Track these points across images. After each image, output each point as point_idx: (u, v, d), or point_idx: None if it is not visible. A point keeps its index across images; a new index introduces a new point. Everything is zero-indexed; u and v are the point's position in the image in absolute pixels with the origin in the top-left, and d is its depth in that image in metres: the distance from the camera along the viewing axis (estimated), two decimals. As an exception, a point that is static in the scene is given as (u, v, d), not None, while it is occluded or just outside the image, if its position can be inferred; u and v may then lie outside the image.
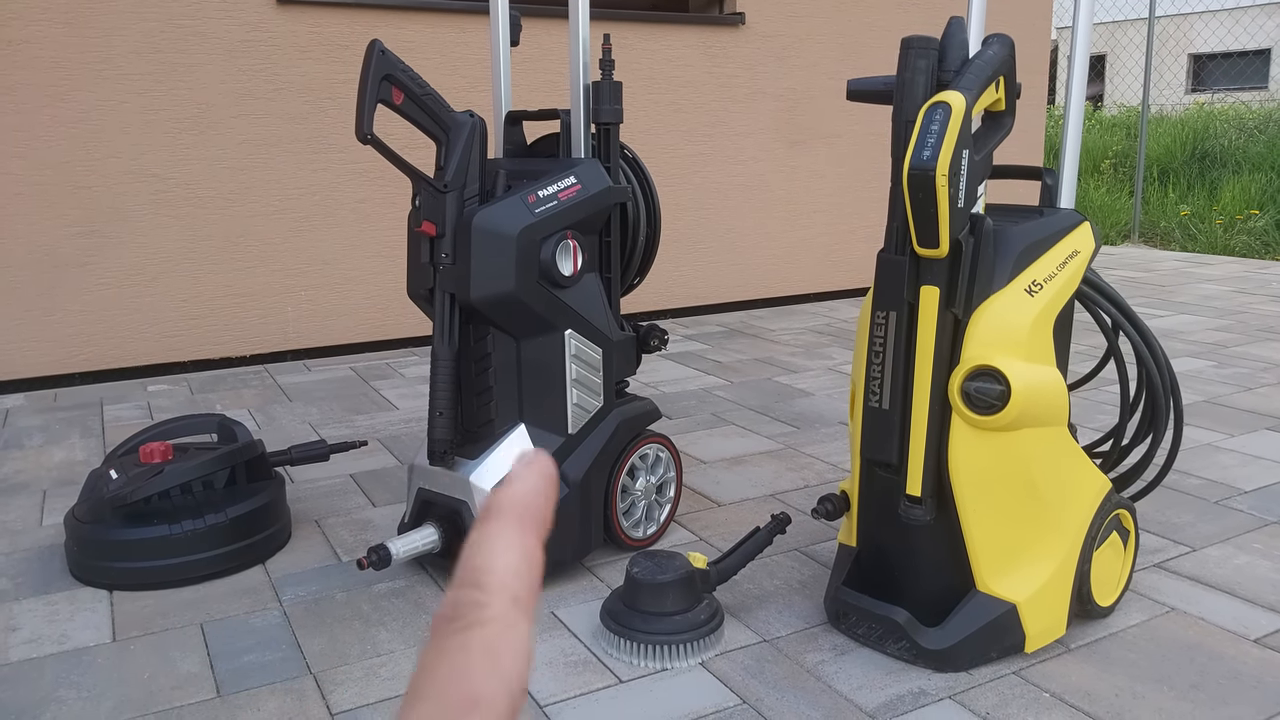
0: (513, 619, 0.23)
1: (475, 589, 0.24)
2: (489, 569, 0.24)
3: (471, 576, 0.24)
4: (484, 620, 0.23)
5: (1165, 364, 1.80)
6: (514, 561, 0.24)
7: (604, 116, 1.97)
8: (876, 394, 1.61)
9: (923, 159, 1.42)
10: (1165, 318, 4.45)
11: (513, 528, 0.25)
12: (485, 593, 0.23)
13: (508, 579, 0.24)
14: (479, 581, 0.24)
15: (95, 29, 3.35)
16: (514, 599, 0.24)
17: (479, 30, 3.96)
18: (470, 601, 0.23)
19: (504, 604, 0.23)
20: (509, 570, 0.24)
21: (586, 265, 1.92)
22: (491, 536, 0.24)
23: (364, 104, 1.70)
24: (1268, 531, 2.14)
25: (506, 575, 0.24)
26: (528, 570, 0.24)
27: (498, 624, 0.23)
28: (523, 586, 0.24)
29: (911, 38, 1.54)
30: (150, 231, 3.54)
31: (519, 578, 0.24)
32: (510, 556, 0.24)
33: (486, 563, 0.24)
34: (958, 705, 1.52)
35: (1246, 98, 14.14)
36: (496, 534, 0.24)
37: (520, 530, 0.25)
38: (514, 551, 0.24)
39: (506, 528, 0.25)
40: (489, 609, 0.23)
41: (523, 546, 0.24)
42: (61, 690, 1.60)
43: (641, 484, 2.08)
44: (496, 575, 0.24)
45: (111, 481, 1.98)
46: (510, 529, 0.25)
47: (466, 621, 0.23)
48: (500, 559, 0.24)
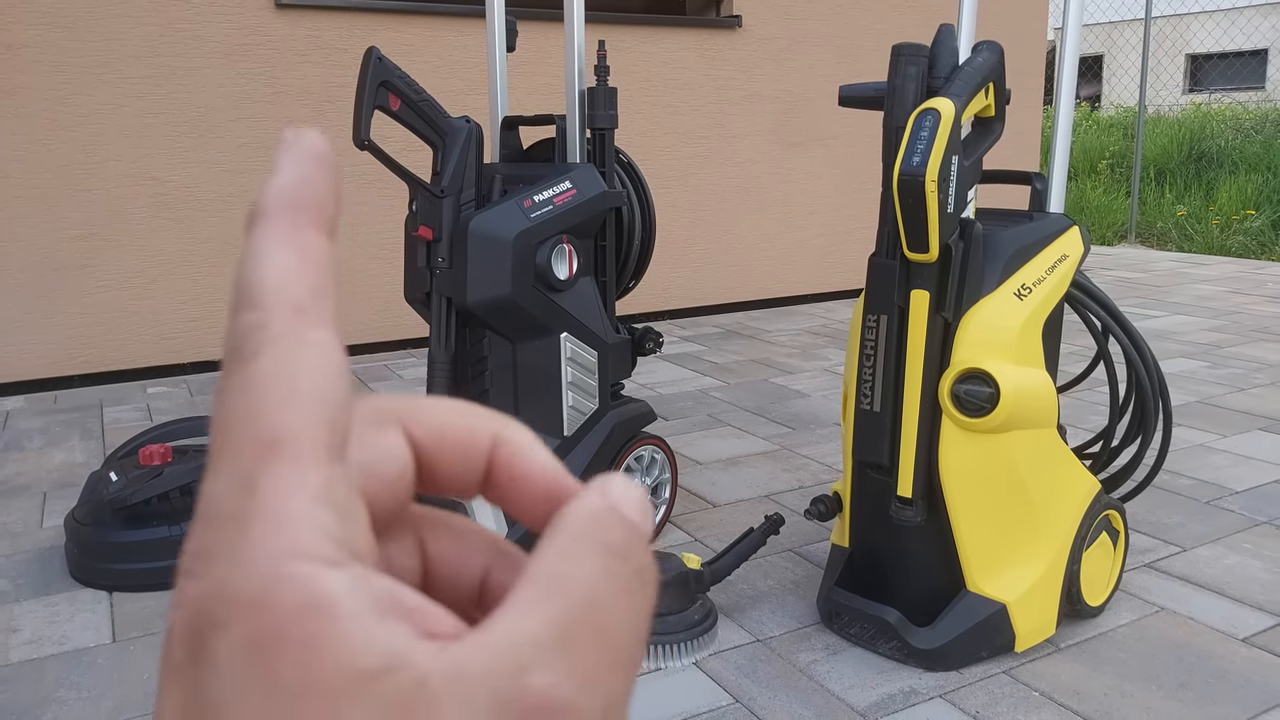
0: (300, 331, 0.18)
1: (249, 310, 0.18)
2: (259, 282, 0.18)
3: (242, 298, 0.18)
4: (266, 341, 0.18)
5: (1154, 366, 1.82)
6: (288, 263, 0.19)
7: (599, 122, 1.99)
8: (868, 396, 1.62)
9: (912, 165, 1.44)
10: (1160, 318, 4.47)
11: (281, 225, 0.19)
12: (260, 310, 0.18)
13: (285, 286, 0.18)
14: (251, 300, 0.18)
15: (95, 33, 3.37)
16: (296, 309, 0.18)
17: (476, 35, 3.98)
18: (246, 325, 0.18)
19: (285, 317, 0.18)
20: (284, 275, 0.18)
21: (582, 269, 1.94)
22: (257, 243, 0.19)
23: (361, 110, 1.72)
24: (1258, 532, 2.16)
25: (282, 282, 0.18)
26: (311, 270, 0.19)
27: (283, 343, 0.18)
28: (306, 291, 0.19)
29: (902, 45, 1.56)
30: (149, 234, 3.56)
31: (299, 281, 0.19)
32: (283, 259, 0.19)
33: (255, 275, 0.18)
34: (948, 704, 1.54)
35: (1243, 98, 14.17)
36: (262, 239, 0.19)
37: (292, 226, 0.19)
38: (286, 251, 0.19)
39: (273, 228, 0.19)
40: (270, 327, 0.18)
41: (298, 243, 0.19)
42: (62, 691, 1.61)
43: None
44: (270, 286, 0.18)
45: (112, 483, 2.00)
46: (278, 228, 0.19)
47: (245, 353, 0.18)
48: (271, 266, 0.18)
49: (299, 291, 0.18)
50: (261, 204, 0.19)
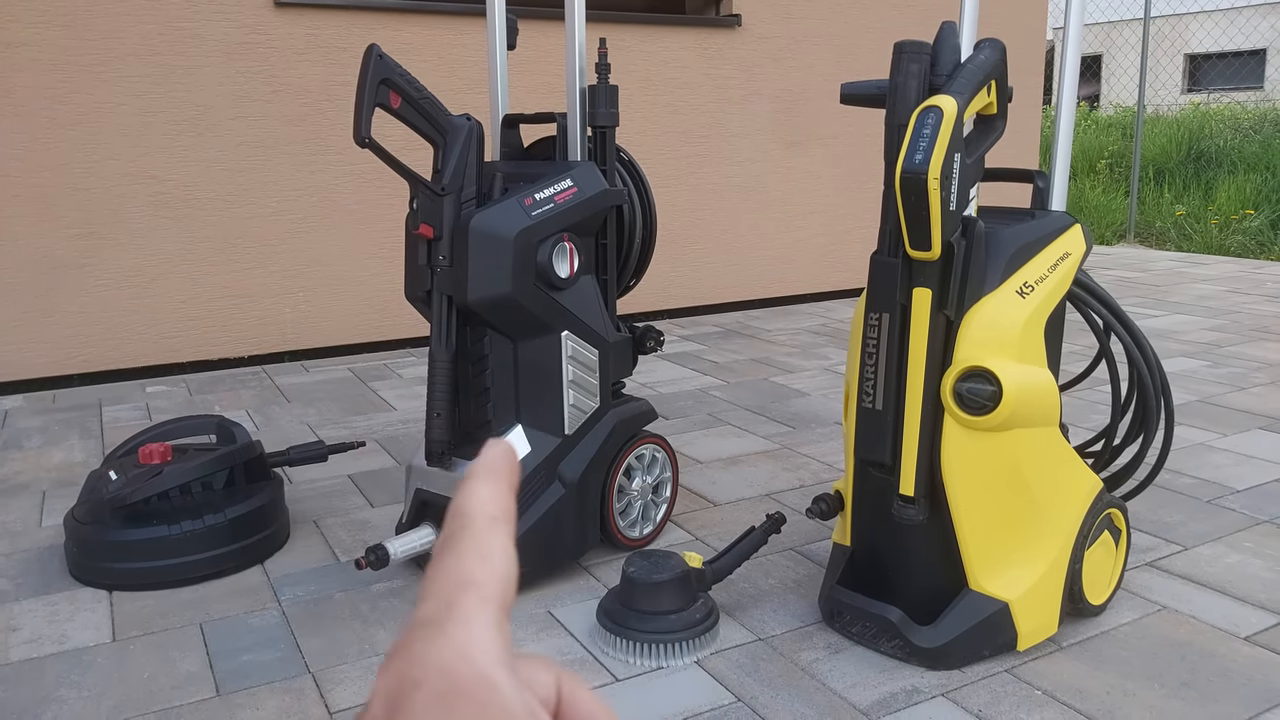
0: (493, 529, 0.28)
1: (459, 517, 0.28)
2: (468, 504, 0.28)
3: (455, 512, 0.28)
4: (471, 532, 0.27)
5: (1156, 364, 1.82)
6: (487, 495, 0.28)
7: (600, 120, 1.99)
8: (870, 395, 1.62)
9: (915, 163, 1.44)
10: (1160, 318, 4.47)
11: (485, 478, 0.29)
12: (468, 516, 0.28)
13: (485, 506, 0.28)
14: (461, 513, 0.28)
15: (94, 31, 3.36)
16: (491, 518, 0.28)
17: (476, 33, 3.97)
18: (457, 525, 0.28)
19: (484, 520, 0.28)
20: (484, 500, 0.28)
21: (583, 267, 1.93)
22: (467, 486, 0.29)
23: (362, 108, 1.71)
24: (1259, 530, 2.16)
25: (484, 504, 0.28)
26: (501, 500, 0.29)
27: (482, 531, 0.27)
28: (498, 509, 0.28)
29: (904, 42, 1.56)
30: (148, 233, 3.55)
31: (495, 504, 0.28)
32: (484, 492, 0.28)
33: (465, 501, 0.28)
34: (950, 703, 1.54)
35: (1242, 98, 14.17)
36: (471, 483, 0.29)
37: (493, 479, 0.29)
38: (487, 489, 0.29)
39: (479, 479, 0.29)
40: (474, 524, 0.27)
41: (494, 486, 0.29)
42: (62, 690, 1.61)
43: (638, 484, 2.09)
44: (475, 505, 0.28)
45: (111, 482, 1.99)
46: (484, 478, 0.29)
47: (456, 538, 0.27)
48: (475, 496, 0.28)
49: (494, 510, 0.28)
50: (473, 469, 0.29)
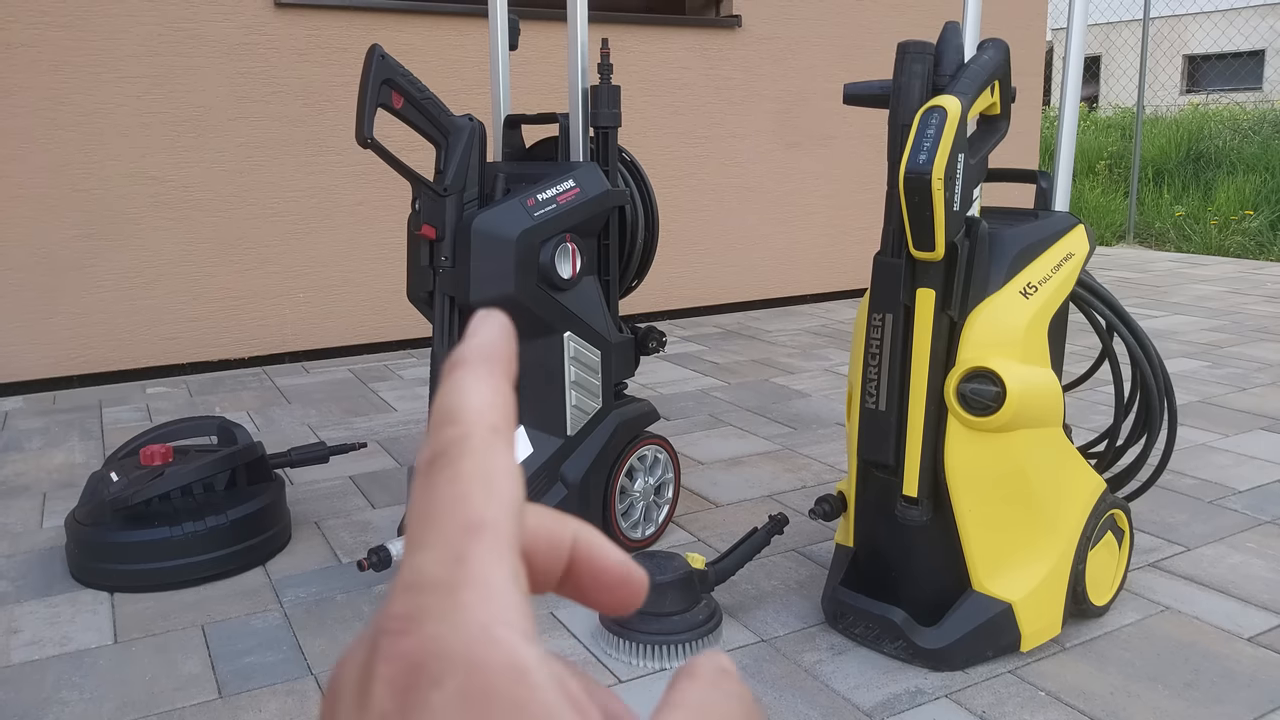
0: (497, 446, 0.22)
1: (452, 425, 0.22)
2: (462, 405, 0.23)
3: (445, 416, 0.23)
4: (469, 450, 0.22)
5: (1159, 365, 1.82)
6: (486, 396, 0.23)
7: (602, 120, 1.99)
8: (873, 395, 1.62)
9: (919, 163, 1.44)
10: (1160, 318, 4.47)
11: (479, 369, 0.24)
12: (464, 425, 0.22)
13: (483, 411, 0.23)
14: (454, 418, 0.22)
15: (94, 32, 3.36)
16: (492, 428, 0.23)
17: (478, 34, 3.97)
18: (451, 436, 0.22)
19: (485, 432, 0.22)
20: (483, 403, 0.23)
21: (585, 268, 1.93)
22: (459, 379, 0.23)
23: (364, 108, 1.71)
24: (1261, 531, 2.16)
25: (481, 408, 0.23)
26: (501, 403, 0.23)
27: (484, 451, 0.22)
28: (499, 416, 0.23)
29: (907, 43, 1.55)
30: (149, 234, 3.55)
31: (493, 409, 0.23)
32: (482, 392, 0.23)
33: (458, 401, 0.23)
34: (954, 704, 1.54)
35: (1241, 99, 14.18)
36: (463, 376, 0.23)
37: (488, 371, 0.24)
38: (484, 387, 0.23)
39: (472, 370, 0.24)
40: (472, 439, 0.22)
41: (492, 383, 0.24)
42: (63, 692, 1.60)
43: (640, 485, 2.09)
44: (471, 409, 0.23)
45: (112, 484, 1.99)
46: (476, 371, 0.24)
47: (451, 456, 0.22)
48: (472, 396, 0.23)
49: (494, 417, 0.23)
50: (462, 354, 0.24)
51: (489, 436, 0.22)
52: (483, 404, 0.23)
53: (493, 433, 0.22)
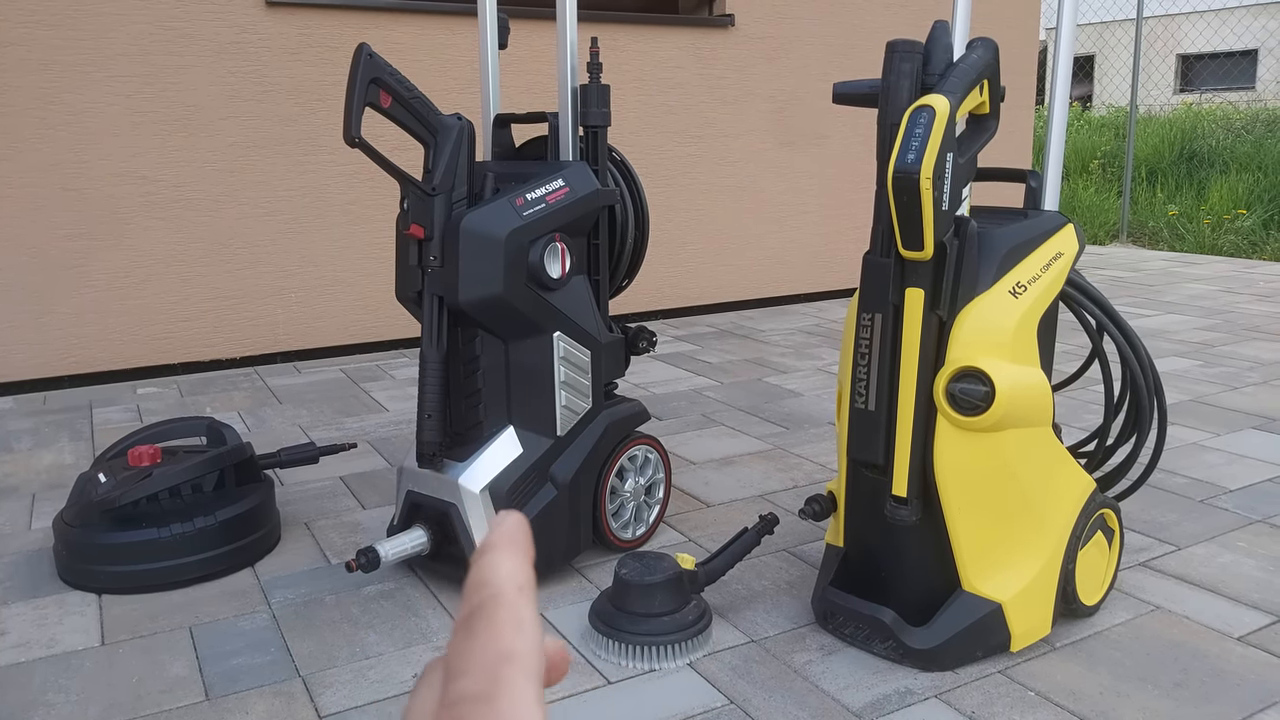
0: (524, 600, 0.28)
1: (486, 588, 0.28)
2: (494, 574, 0.28)
3: (480, 583, 0.28)
4: (502, 603, 0.27)
5: (1149, 364, 1.82)
6: (513, 566, 0.29)
7: (592, 120, 1.98)
8: (862, 395, 1.62)
9: (907, 162, 1.43)
10: (1153, 317, 4.47)
11: (505, 549, 0.29)
12: (496, 587, 0.28)
13: (511, 576, 0.28)
14: (488, 583, 0.28)
15: (83, 31, 3.35)
16: (520, 588, 0.28)
17: (468, 32, 3.96)
18: (486, 596, 0.28)
19: (513, 591, 0.28)
20: (510, 572, 0.28)
21: (575, 268, 1.93)
22: (490, 557, 0.29)
23: (351, 107, 1.70)
24: (1252, 530, 2.16)
25: (510, 575, 0.28)
26: (526, 573, 0.29)
27: (514, 603, 0.27)
28: (525, 581, 0.28)
29: (896, 41, 1.55)
30: (139, 234, 3.53)
31: (520, 575, 0.28)
32: (509, 564, 0.29)
33: (491, 572, 0.28)
34: (944, 704, 1.53)
35: (1234, 98, 14.21)
36: (493, 554, 0.29)
37: (512, 551, 0.29)
38: (511, 560, 0.29)
39: (500, 550, 0.29)
40: (503, 596, 0.27)
41: (517, 558, 0.29)
42: (50, 694, 1.60)
43: (630, 485, 2.08)
44: (502, 576, 0.28)
45: (100, 485, 1.98)
46: (504, 550, 0.29)
47: (487, 609, 0.27)
48: (502, 567, 0.28)
49: (521, 581, 0.28)
50: (490, 541, 0.30)
51: (518, 593, 0.28)
52: (510, 572, 0.28)
53: (519, 591, 0.28)
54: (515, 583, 0.28)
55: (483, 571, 0.28)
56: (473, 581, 0.29)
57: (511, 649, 0.26)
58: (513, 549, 0.29)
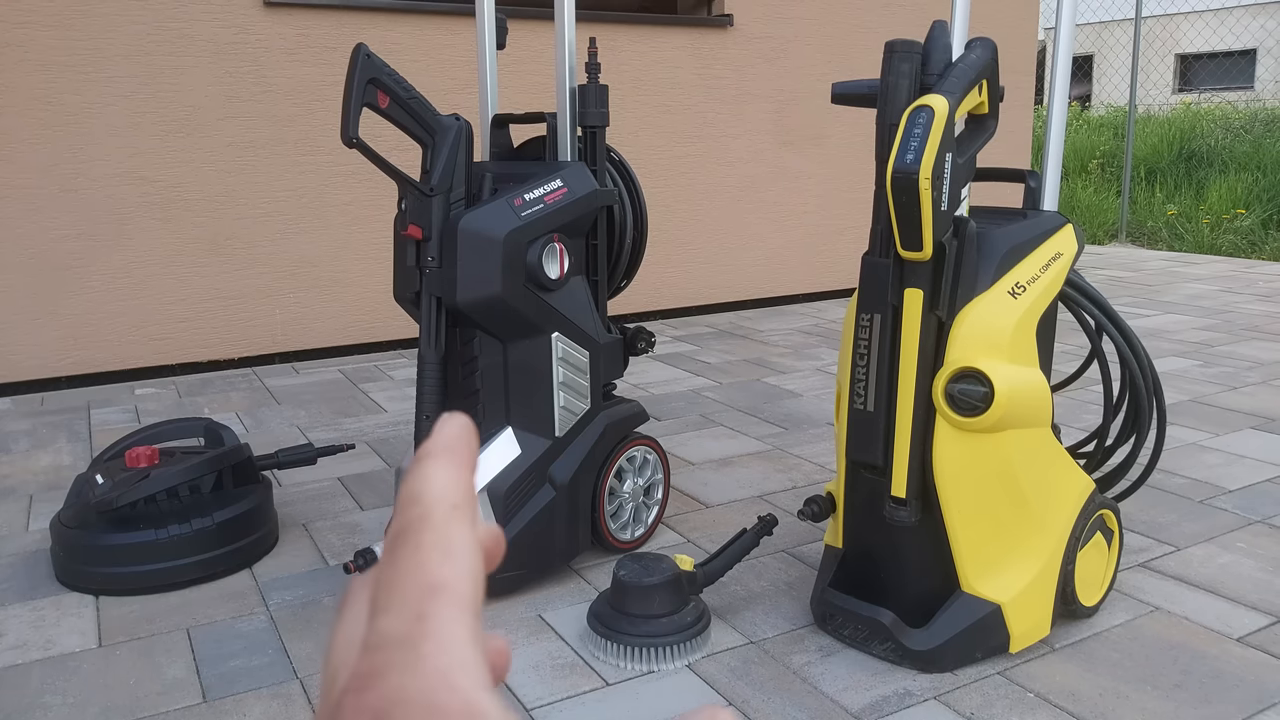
0: (456, 521, 0.24)
1: (415, 505, 0.25)
2: (425, 488, 0.25)
3: (410, 498, 0.25)
4: (430, 525, 0.24)
5: (1148, 365, 1.81)
6: (448, 479, 0.25)
7: (590, 120, 1.98)
8: (861, 396, 1.61)
9: (906, 162, 1.43)
10: (1152, 317, 4.47)
11: (441, 459, 0.26)
12: (426, 505, 0.25)
13: (444, 492, 0.25)
14: (418, 499, 0.25)
15: (82, 32, 3.34)
16: (453, 506, 0.25)
17: (466, 33, 3.96)
18: (413, 515, 0.24)
19: (444, 510, 0.25)
20: (443, 486, 0.25)
21: (573, 268, 1.92)
22: (423, 467, 0.26)
23: (349, 108, 1.70)
24: (1251, 530, 2.16)
25: (442, 490, 0.25)
26: (462, 486, 0.26)
27: (444, 525, 0.24)
28: (459, 496, 0.25)
29: (895, 42, 1.55)
30: (138, 234, 3.53)
31: (454, 490, 0.25)
32: (443, 477, 0.25)
33: (422, 485, 0.25)
34: (943, 706, 1.53)
35: (1233, 97, 14.22)
36: (427, 464, 0.26)
37: (449, 460, 0.26)
38: (446, 473, 0.26)
39: (435, 459, 0.26)
40: (433, 516, 0.24)
41: (454, 470, 0.26)
42: (47, 697, 1.59)
43: (629, 486, 2.08)
44: (433, 491, 0.25)
45: (98, 486, 1.97)
46: (439, 460, 0.26)
47: (413, 530, 0.24)
48: (434, 480, 0.25)
49: (455, 497, 0.25)
50: (428, 447, 0.26)
51: (449, 513, 0.25)
52: (444, 486, 0.25)
53: (453, 509, 0.25)
54: (448, 500, 0.25)
55: (413, 485, 0.25)
56: (402, 496, 0.25)
57: (438, 578, 0.23)
58: (450, 459, 0.26)
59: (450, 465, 0.26)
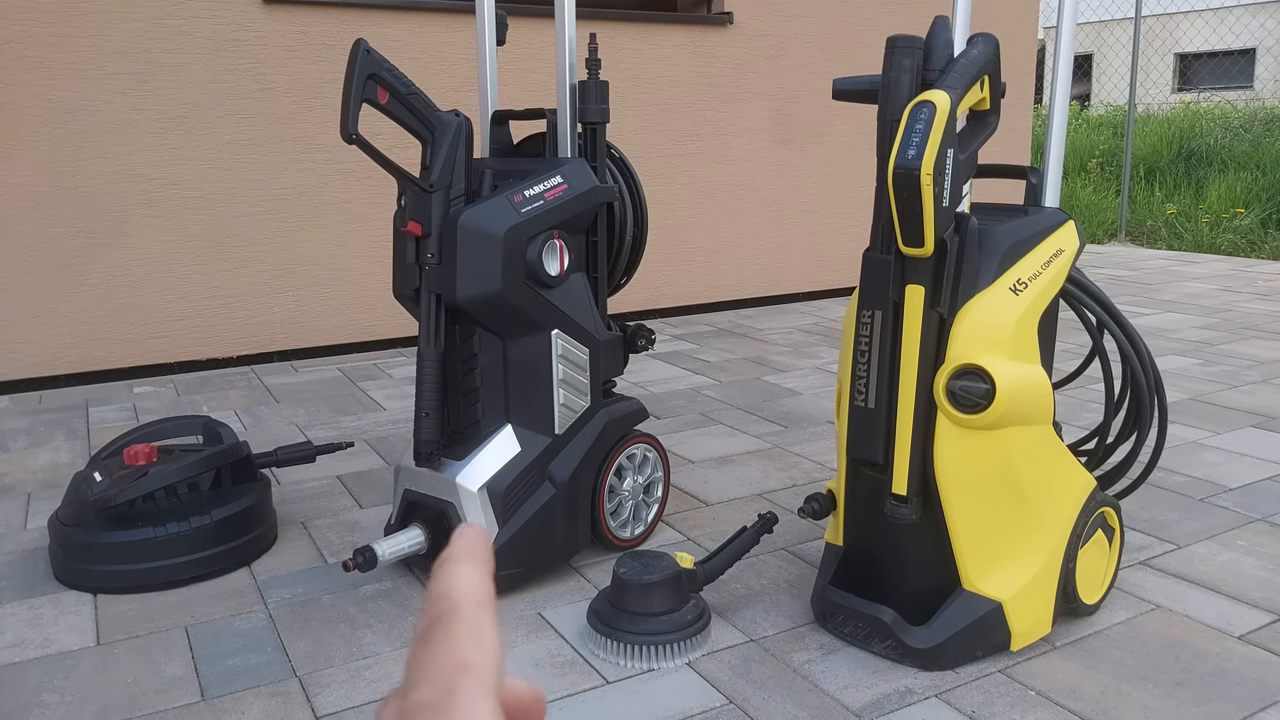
0: (482, 615, 0.28)
1: (445, 601, 0.28)
2: (453, 587, 0.28)
3: (439, 596, 0.28)
4: (460, 616, 0.27)
5: (1149, 362, 1.81)
6: (473, 580, 0.29)
7: (590, 116, 1.97)
8: (862, 393, 1.61)
9: (908, 158, 1.42)
10: (1152, 316, 4.47)
11: (465, 563, 0.29)
12: (455, 601, 0.28)
13: (470, 590, 0.28)
14: (447, 597, 0.28)
15: (81, 29, 3.33)
16: (479, 603, 0.28)
17: (466, 29, 3.95)
18: (444, 609, 0.28)
19: (472, 605, 0.28)
20: (470, 585, 0.28)
21: (573, 265, 1.92)
22: (449, 570, 0.29)
23: (349, 104, 1.69)
24: (1252, 528, 2.15)
25: (469, 589, 0.28)
26: (486, 587, 0.29)
27: (472, 616, 0.27)
28: (484, 595, 0.28)
29: (897, 37, 1.54)
30: (137, 232, 3.52)
31: (479, 590, 0.28)
32: (469, 577, 0.29)
33: (450, 584, 0.28)
34: (944, 704, 1.53)
35: (1232, 97, 14.22)
36: (453, 567, 0.29)
37: (472, 564, 0.29)
38: (471, 574, 0.29)
39: (460, 563, 0.29)
40: (462, 609, 0.27)
41: (477, 572, 0.29)
42: (45, 695, 1.58)
43: (629, 484, 2.08)
44: (461, 589, 0.28)
45: (96, 484, 1.97)
46: (464, 564, 0.29)
47: (444, 621, 0.27)
48: (460, 580, 0.28)
49: (480, 596, 0.28)
50: (451, 552, 0.30)
51: (475, 609, 0.28)
52: (470, 586, 0.28)
53: (478, 606, 0.28)
54: (474, 597, 0.28)
55: (442, 584, 0.28)
56: (432, 594, 0.28)
57: (467, 660, 0.26)
58: (473, 562, 0.29)
59: (474, 567, 0.29)
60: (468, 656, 0.26)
